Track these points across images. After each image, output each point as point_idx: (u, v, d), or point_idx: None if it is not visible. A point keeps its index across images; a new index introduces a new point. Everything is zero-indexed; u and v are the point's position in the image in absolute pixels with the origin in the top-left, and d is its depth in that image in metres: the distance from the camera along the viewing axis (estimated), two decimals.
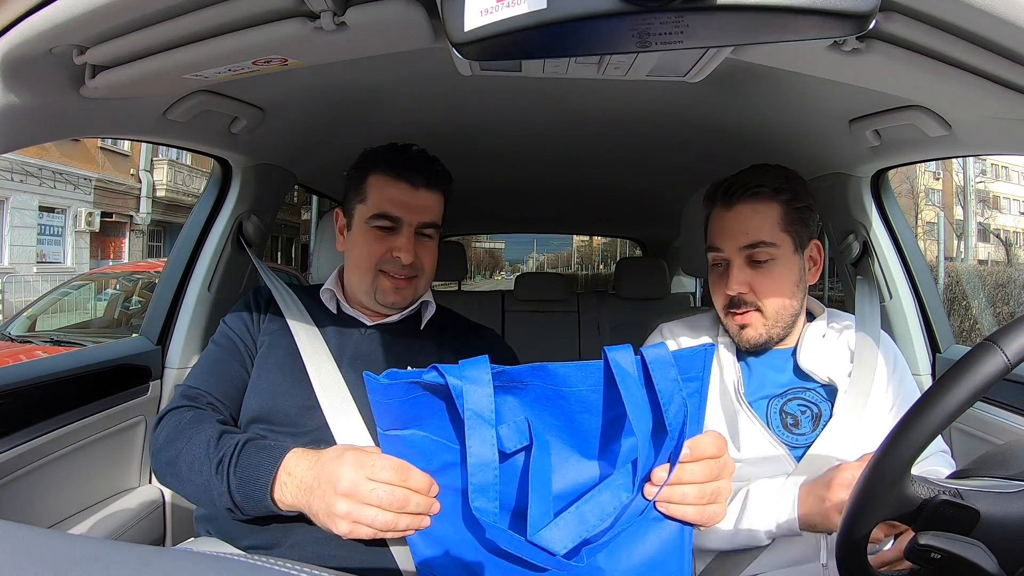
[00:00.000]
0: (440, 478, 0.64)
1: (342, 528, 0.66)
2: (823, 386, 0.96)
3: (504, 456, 0.59)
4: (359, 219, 0.98)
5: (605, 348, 0.60)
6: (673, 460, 0.60)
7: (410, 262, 0.95)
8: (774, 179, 0.94)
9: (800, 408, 0.95)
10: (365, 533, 0.65)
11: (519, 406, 0.60)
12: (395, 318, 1.02)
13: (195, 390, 0.93)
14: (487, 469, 0.57)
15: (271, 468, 0.74)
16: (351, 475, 0.65)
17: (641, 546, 0.63)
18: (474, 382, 0.57)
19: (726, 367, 0.98)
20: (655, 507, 0.62)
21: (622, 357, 0.59)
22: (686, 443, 0.61)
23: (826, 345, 0.98)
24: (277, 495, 0.73)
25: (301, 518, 0.79)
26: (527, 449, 0.60)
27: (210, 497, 0.78)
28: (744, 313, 0.94)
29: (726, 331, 1.00)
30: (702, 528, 0.66)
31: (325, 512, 0.67)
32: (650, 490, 0.61)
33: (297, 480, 0.72)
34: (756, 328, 0.94)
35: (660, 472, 0.61)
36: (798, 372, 0.97)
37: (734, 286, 0.93)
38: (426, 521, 0.65)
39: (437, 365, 0.58)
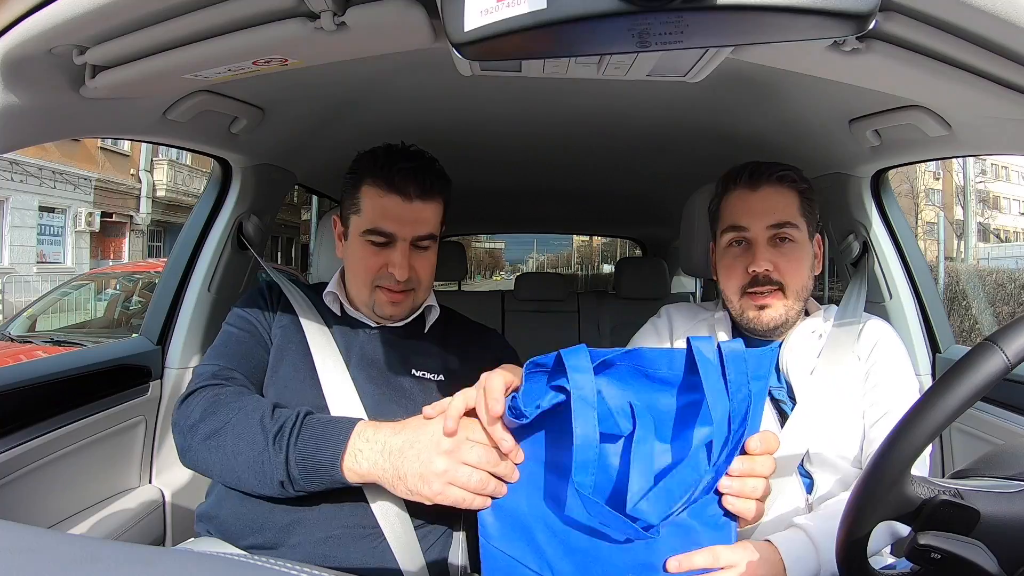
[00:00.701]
0: (526, 448, 0.69)
1: (435, 487, 0.69)
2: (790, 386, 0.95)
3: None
4: (354, 231, 0.96)
5: (689, 337, 0.65)
6: (731, 452, 0.65)
7: (405, 278, 0.93)
8: (792, 169, 0.98)
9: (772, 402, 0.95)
10: (454, 496, 0.69)
11: (614, 388, 0.66)
12: (399, 323, 1.02)
13: (225, 369, 0.90)
14: (590, 448, 0.62)
15: (342, 438, 0.74)
16: (437, 439, 0.69)
17: (694, 537, 0.67)
18: (578, 370, 0.63)
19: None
20: (719, 502, 0.67)
21: (704, 346, 0.65)
22: (756, 436, 0.66)
23: (813, 341, 0.98)
24: (348, 464, 0.74)
25: (301, 519, 0.79)
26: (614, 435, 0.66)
27: (260, 470, 0.77)
28: (766, 294, 0.94)
29: (727, 316, 1.01)
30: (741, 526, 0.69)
31: (418, 472, 0.70)
32: (725, 482, 0.66)
33: (380, 446, 0.74)
34: (776, 309, 0.94)
35: (737, 463, 0.65)
36: (778, 366, 0.97)
37: (761, 263, 0.93)
38: (504, 488, 0.69)
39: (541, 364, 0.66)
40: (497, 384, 0.68)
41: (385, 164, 0.92)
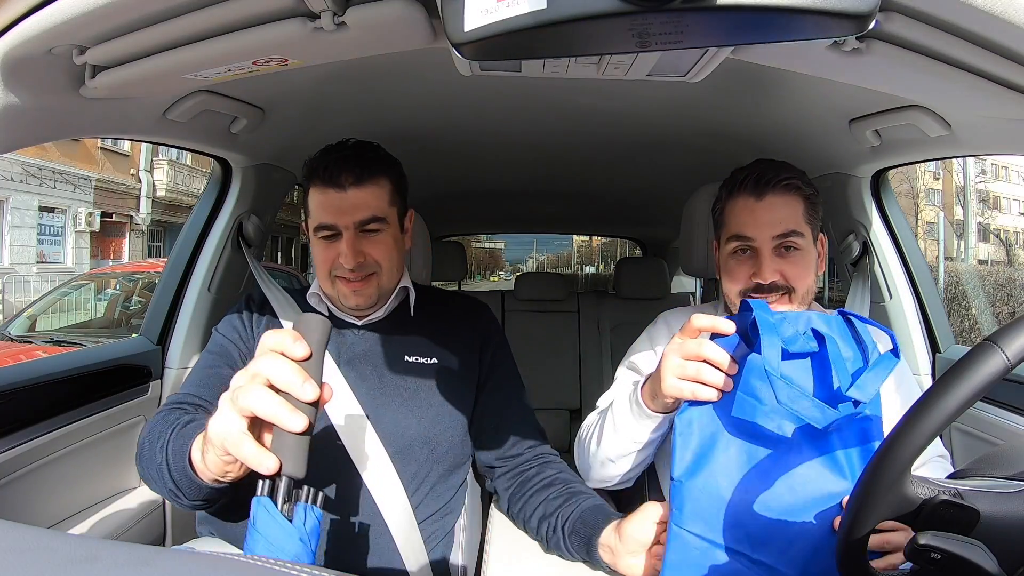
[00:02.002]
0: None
1: (234, 424, 0.58)
2: None
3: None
4: (311, 232, 0.99)
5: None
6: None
7: (352, 264, 0.93)
8: (797, 173, 0.97)
9: None
10: (256, 405, 0.57)
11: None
12: (381, 314, 1.01)
13: (184, 394, 0.92)
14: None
15: (195, 435, 0.70)
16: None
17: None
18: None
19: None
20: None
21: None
22: None
23: None
24: (195, 458, 0.68)
25: None
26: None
27: (163, 481, 0.75)
28: (776, 300, 0.95)
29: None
30: None
31: (220, 425, 0.59)
32: None
33: (209, 436, 0.63)
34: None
35: None
36: None
37: (768, 274, 0.94)
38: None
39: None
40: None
41: (320, 162, 0.95)
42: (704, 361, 0.74)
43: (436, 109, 1.27)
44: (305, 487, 0.59)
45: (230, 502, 0.75)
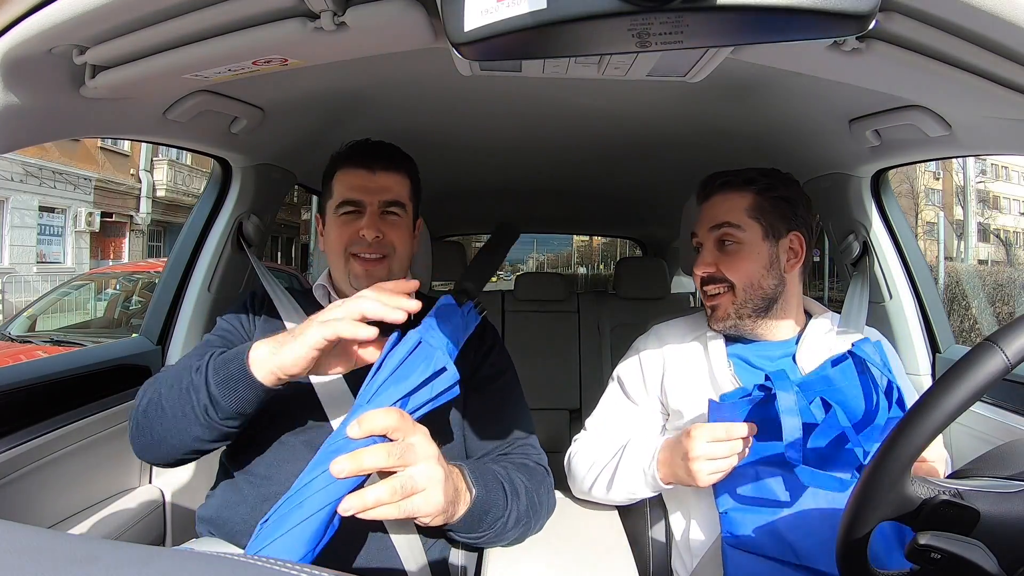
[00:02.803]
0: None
1: (312, 331, 0.74)
2: None
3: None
4: (330, 213, 1.02)
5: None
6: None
7: (374, 237, 0.97)
8: (748, 172, 1.01)
9: None
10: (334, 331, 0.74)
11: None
12: None
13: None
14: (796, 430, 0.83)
15: (244, 349, 0.78)
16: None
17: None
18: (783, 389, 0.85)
19: (715, 358, 1.01)
20: None
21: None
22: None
23: (828, 343, 0.99)
24: (260, 355, 0.77)
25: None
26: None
27: (189, 403, 0.79)
28: (715, 294, 1.00)
29: (709, 323, 1.03)
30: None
31: (330, 314, 0.76)
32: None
33: (267, 348, 0.77)
34: (724, 307, 0.99)
35: None
36: (796, 364, 0.98)
37: (701, 266, 1.01)
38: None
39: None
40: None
41: (352, 150, 1.02)
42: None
43: (436, 109, 1.27)
44: None
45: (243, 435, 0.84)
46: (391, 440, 0.69)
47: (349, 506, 0.64)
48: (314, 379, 0.91)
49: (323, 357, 0.77)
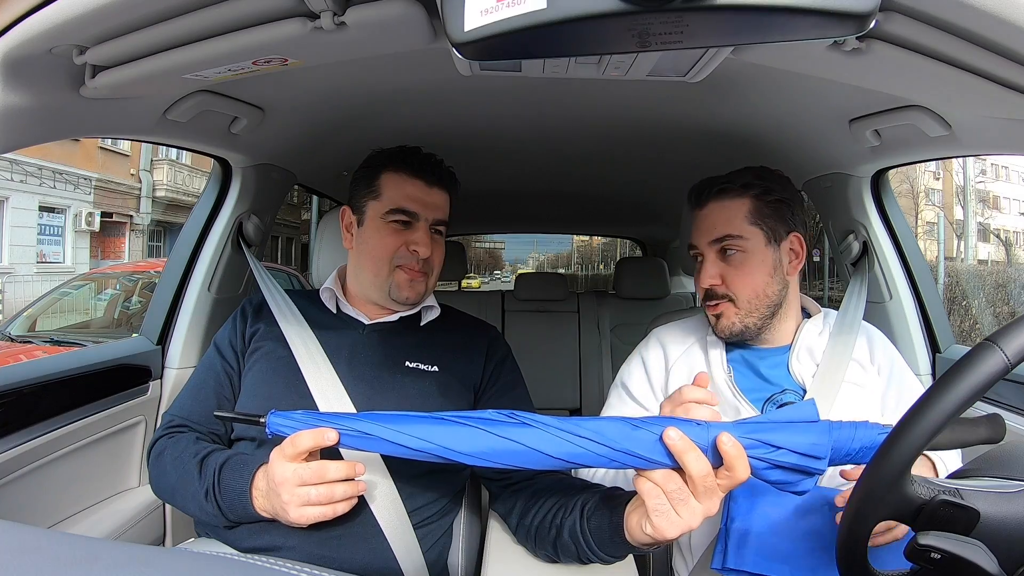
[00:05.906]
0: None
1: (294, 515, 0.76)
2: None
3: None
4: (373, 215, 0.99)
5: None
6: None
7: (428, 255, 0.97)
8: (744, 176, 0.98)
9: None
10: (316, 513, 0.76)
11: None
12: (393, 317, 1.02)
13: (173, 417, 0.98)
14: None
15: (247, 486, 0.82)
16: (280, 469, 0.76)
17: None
18: None
19: (714, 363, 1.00)
20: None
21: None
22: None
23: (821, 344, 0.99)
24: (257, 506, 0.81)
25: None
26: None
27: (203, 507, 0.85)
28: (717, 304, 0.98)
29: (714, 329, 1.02)
30: None
31: (281, 506, 0.76)
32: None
33: (262, 491, 0.80)
34: (729, 317, 0.97)
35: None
36: (790, 372, 0.98)
37: (706, 279, 0.98)
38: (358, 487, 0.78)
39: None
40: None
41: (407, 155, 1.00)
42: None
43: (436, 109, 1.27)
44: None
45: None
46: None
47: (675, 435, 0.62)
48: (311, 384, 0.93)
49: None
